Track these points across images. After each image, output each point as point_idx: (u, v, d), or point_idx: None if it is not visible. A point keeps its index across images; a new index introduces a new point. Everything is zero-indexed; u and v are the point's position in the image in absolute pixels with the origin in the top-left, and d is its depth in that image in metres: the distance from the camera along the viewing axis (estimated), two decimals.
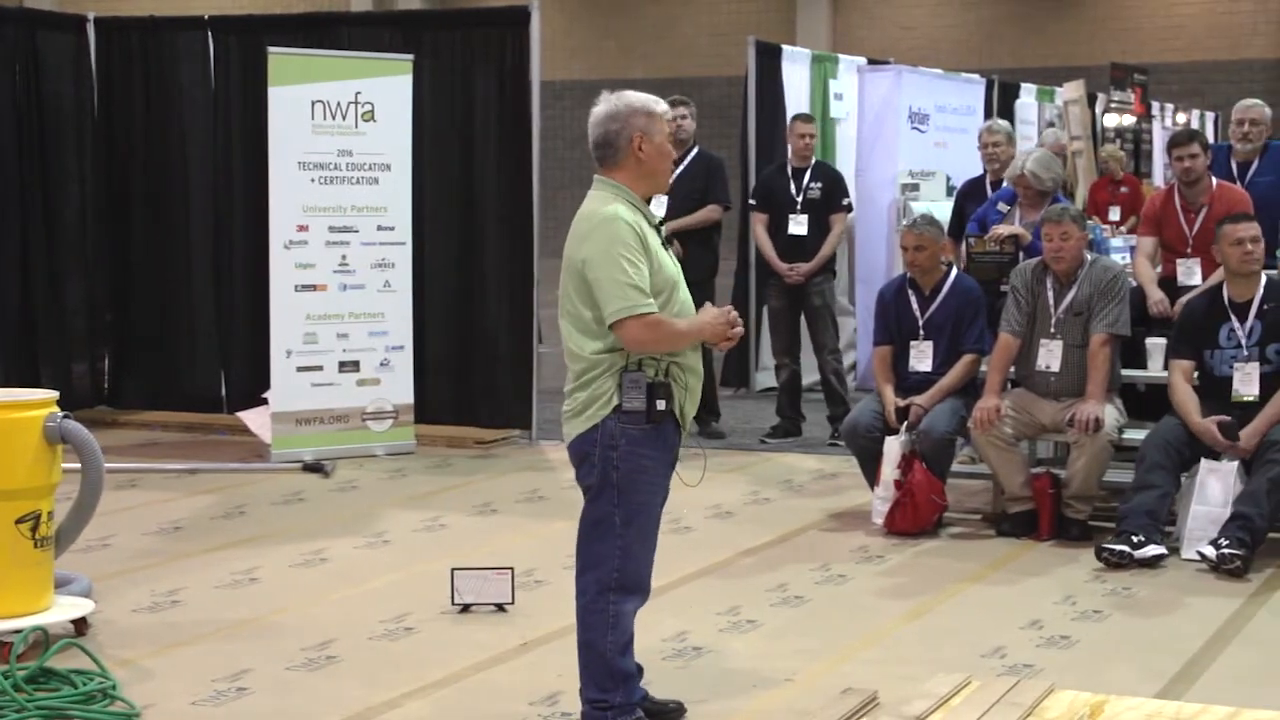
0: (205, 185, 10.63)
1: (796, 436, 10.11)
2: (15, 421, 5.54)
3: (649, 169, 4.67)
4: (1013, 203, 8.63)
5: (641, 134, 4.63)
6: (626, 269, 4.50)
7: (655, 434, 4.61)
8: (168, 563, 6.97)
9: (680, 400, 4.66)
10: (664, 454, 4.68)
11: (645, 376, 4.56)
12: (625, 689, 4.73)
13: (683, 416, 4.71)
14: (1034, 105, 15.50)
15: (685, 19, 29.09)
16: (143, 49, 10.75)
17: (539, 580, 6.63)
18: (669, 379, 4.60)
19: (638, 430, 4.58)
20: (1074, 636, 5.89)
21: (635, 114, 4.64)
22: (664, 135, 4.68)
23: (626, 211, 4.58)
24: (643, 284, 4.51)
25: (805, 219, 10.08)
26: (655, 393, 4.56)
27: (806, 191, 10.13)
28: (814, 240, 10.06)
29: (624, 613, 4.71)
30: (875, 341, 8.08)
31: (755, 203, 10.48)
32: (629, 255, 4.51)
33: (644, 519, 4.70)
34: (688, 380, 4.67)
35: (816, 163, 10.32)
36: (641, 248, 4.54)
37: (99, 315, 10.93)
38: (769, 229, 10.22)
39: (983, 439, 7.48)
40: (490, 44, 10.11)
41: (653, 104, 4.69)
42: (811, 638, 5.90)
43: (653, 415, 4.57)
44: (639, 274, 4.51)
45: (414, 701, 5.13)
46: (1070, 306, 7.50)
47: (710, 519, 7.91)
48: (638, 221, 4.58)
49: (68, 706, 4.91)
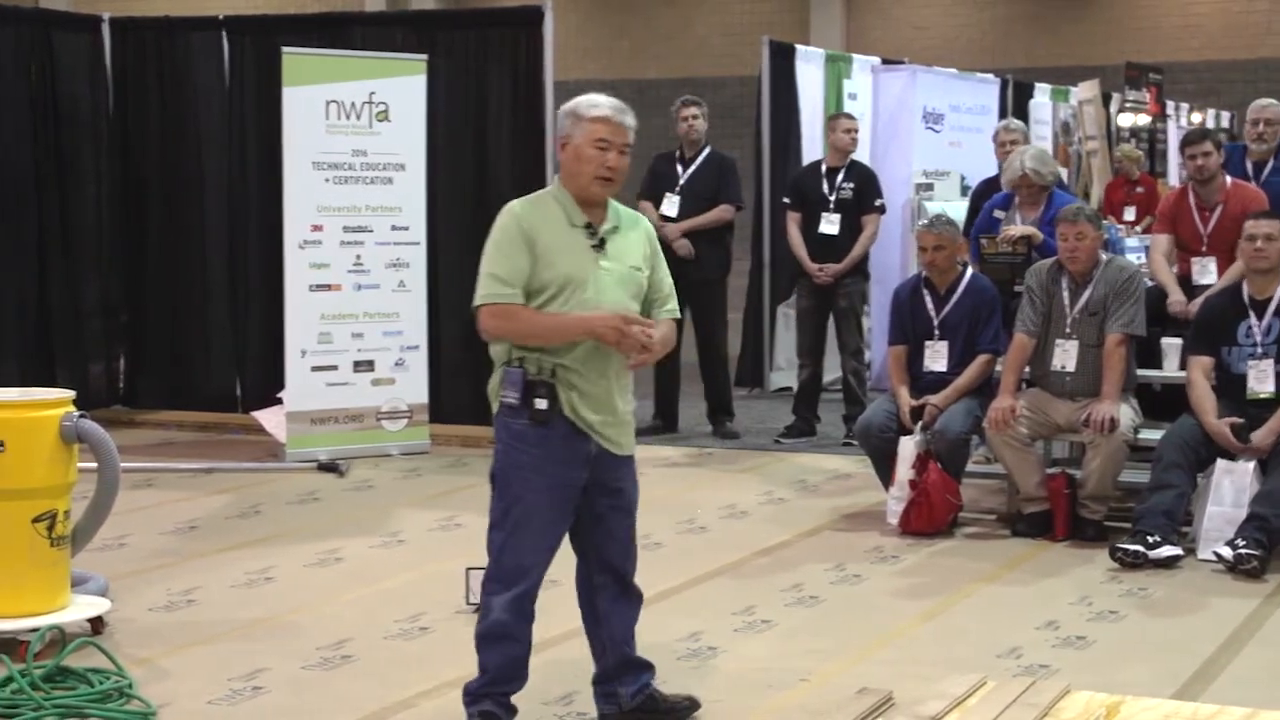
0: (220, 185, 10.65)
1: (811, 436, 10.10)
2: (32, 421, 5.56)
3: (569, 170, 4.60)
4: (1008, 207, 8.57)
5: (565, 137, 4.59)
6: (494, 258, 4.52)
7: (539, 433, 4.53)
8: (183, 562, 6.99)
9: (570, 402, 4.55)
10: (548, 453, 4.55)
11: (525, 373, 4.51)
12: (483, 679, 4.68)
13: (581, 420, 4.58)
14: (1048, 105, 15.47)
15: (699, 19, 29.08)
16: (158, 49, 10.76)
17: (552, 580, 6.57)
18: (553, 379, 4.51)
19: (519, 425, 4.54)
20: (1090, 637, 5.88)
21: (565, 115, 4.61)
22: (589, 139, 4.53)
23: (531, 204, 4.60)
24: (506, 274, 4.48)
25: (837, 219, 10.05)
26: (533, 390, 4.50)
27: (839, 191, 10.11)
28: (845, 240, 10.02)
29: (493, 605, 4.65)
30: (890, 341, 8.08)
31: (789, 201, 10.44)
32: (501, 246, 4.52)
33: (521, 514, 4.60)
34: (574, 381, 4.54)
35: (851, 162, 10.27)
36: (521, 240, 4.49)
37: (115, 315, 10.96)
38: (801, 227, 10.19)
39: (998, 439, 7.47)
40: (504, 44, 10.12)
41: (585, 107, 4.59)
42: (826, 638, 5.89)
43: (534, 414, 4.50)
44: (505, 264, 4.49)
45: (429, 701, 5.13)
46: (1086, 306, 7.49)
47: (724, 519, 7.91)
48: (537, 215, 4.55)
49: (84, 705, 4.92)
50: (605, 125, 4.56)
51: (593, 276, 4.55)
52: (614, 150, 4.56)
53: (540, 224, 4.54)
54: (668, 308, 4.76)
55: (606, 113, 4.57)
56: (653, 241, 4.77)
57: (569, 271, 4.52)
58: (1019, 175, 8.38)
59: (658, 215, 10.00)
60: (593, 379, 4.56)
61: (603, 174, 4.55)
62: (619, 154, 4.58)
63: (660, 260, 4.78)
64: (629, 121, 4.60)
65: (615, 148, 4.56)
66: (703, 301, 10.06)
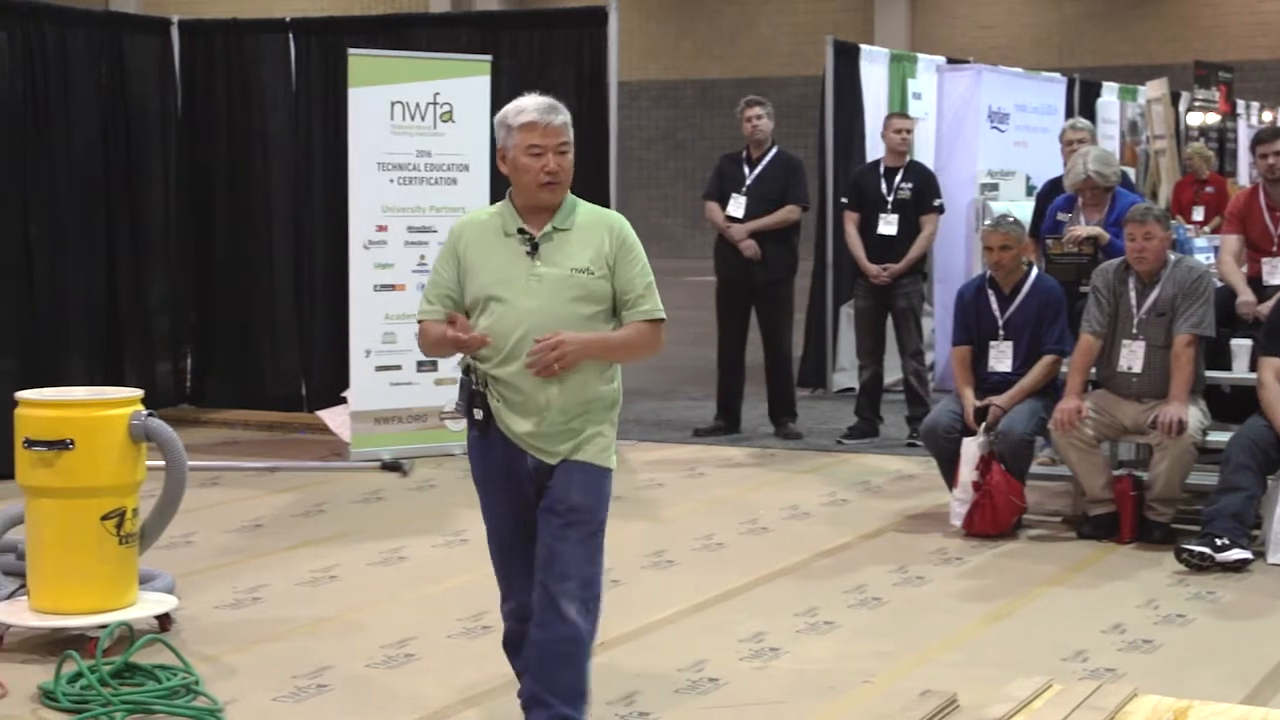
0: (286, 186, 10.74)
1: (874, 437, 10.06)
2: (101, 419, 5.61)
3: (513, 181, 4.50)
4: (1071, 209, 8.51)
5: (502, 148, 4.51)
6: (431, 275, 4.57)
7: (482, 443, 4.48)
8: (249, 560, 7.04)
9: (499, 413, 4.41)
10: (489, 467, 4.49)
11: (472, 383, 4.46)
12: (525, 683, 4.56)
13: (510, 431, 4.41)
14: (1116, 104, 15.36)
15: (762, 19, 29.06)
16: (225, 51, 10.86)
17: (615, 580, 6.63)
18: (487, 389, 4.42)
19: (471, 436, 4.53)
20: (1157, 640, 5.83)
21: (499, 126, 4.52)
22: (522, 148, 4.43)
23: (474, 216, 4.59)
24: (430, 292, 4.50)
25: (895, 219, 10.01)
26: (472, 400, 4.45)
27: (897, 191, 10.07)
28: (903, 241, 9.98)
29: (502, 613, 4.69)
30: (954, 342, 8.03)
31: (846, 201, 10.41)
32: (438, 262, 4.54)
33: (489, 527, 4.60)
34: (502, 391, 4.39)
35: (911, 162, 10.24)
36: (451, 255, 4.48)
37: (182, 315, 11.06)
38: (859, 227, 10.15)
39: (1063, 440, 7.41)
40: (568, 44, 10.15)
41: (512, 115, 4.49)
42: (889, 639, 5.87)
43: (474, 423, 4.47)
44: (432, 281, 4.52)
45: (492, 700, 5.14)
46: (1153, 307, 7.42)
47: (787, 520, 7.90)
48: (474, 227, 4.53)
49: (152, 701, 4.96)
50: (534, 130, 4.45)
51: (523, 284, 4.40)
52: (550, 153, 4.44)
53: (473, 238, 4.50)
54: (641, 309, 4.46)
55: (533, 117, 4.46)
56: (618, 240, 4.49)
57: (488, 282, 4.41)
58: (1082, 178, 8.32)
59: (724, 216, 9.99)
60: (524, 389, 4.37)
61: (544, 179, 4.43)
62: (556, 155, 4.45)
63: (630, 259, 4.48)
64: (559, 120, 4.47)
65: (551, 149, 4.44)
66: (768, 302, 10.04)
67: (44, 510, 5.61)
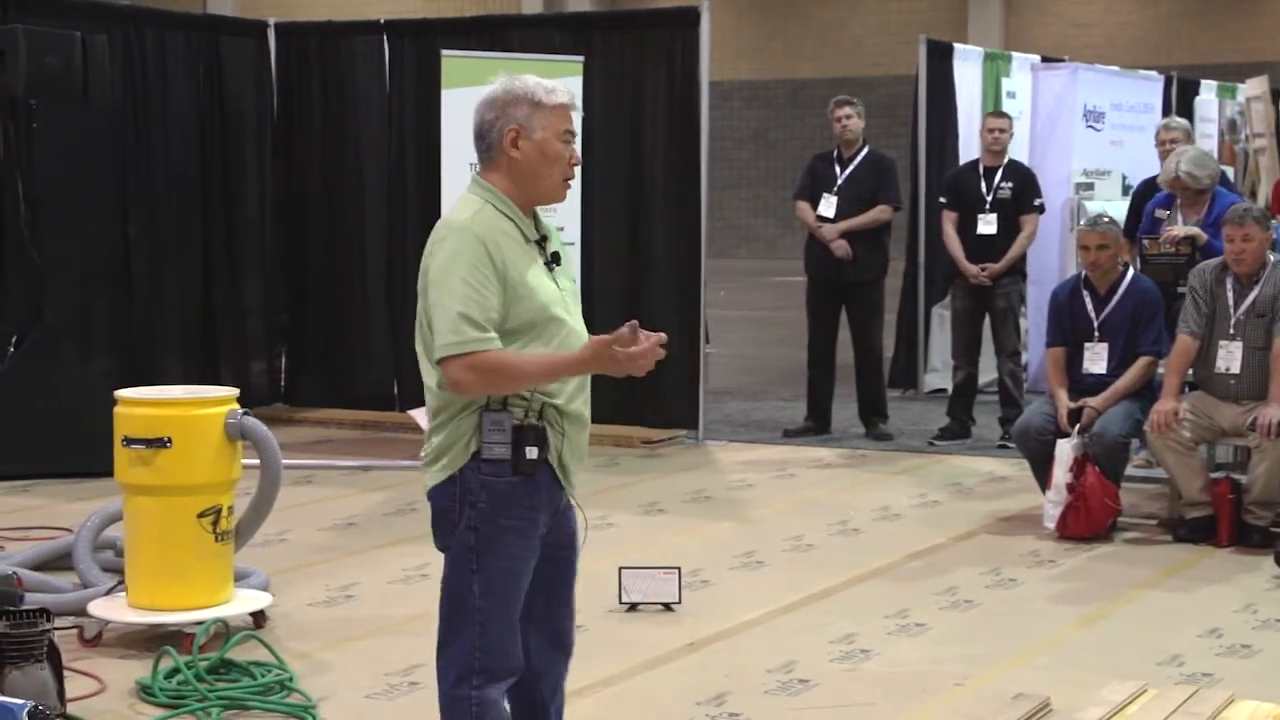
0: (379, 187, 10.82)
1: (965, 439, 9.98)
2: (198, 418, 5.68)
3: (527, 171, 3.72)
4: (1169, 207, 8.41)
5: (518, 128, 3.72)
6: (461, 294, 3.55)
7: (525, 488, 3.65)
8: (342, 558, 7.10)
9: (558, 448, 3.69)
10: (534, 513, 3.69)
11: (511, 418, 3.62)
12: None
13: (563, 470, 3.72)
14: (1214, 102, 15.13)
15: (854, 19, 28.95)
16: (320, 53, 10.97)
17: (705, 580, 6.64)
18: (543, 422, 3.65)
19: (503, 483, 3.65)
20: (1255, 646, 5.74)
21: (516, 103, 3.75)
22: (554, 131, 3.71)
23: (486, 221, 3.66)
24: (480, 315, 3.54)
25: (994, 218, 9.93)
26: (524, 438, 3.62)
27: (997, 191, 9.99)
28: (1003, 240, 9.90)
29: (489, 701, 3.78)
30: (1048, 343, 7.95)
31: (945, 201, 10.34)
32: (469, 278, 3.56)
33: (506, 588, 3.73)
34: (566, 427, 3.69)
35: (1009, 161, 10.16)
36: (492, 269, 3.57)
37: (276, 315, 11.19)
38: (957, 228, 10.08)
39: (1160, 442, 7.32)
40: (660, 45, 10.15)
41: (543, 93, 3.73)
42: (981, 642, 5.82)
43: (520, 465, 3.62)
44: (478, 301, 3.55)
45: (582, 700, 5.16)
46: (1252, 308, 7.31)
47: (878, 521, 7.86)
48: (498, 234, 3.64)
49: (247, 697, 5.02)
50: (567, 114, 3.75)
51: (565, 302, 3.75)
52: (573, 144, 3.78)
53: (506, 247, 3.64)
54: None
55: (567, 100, 3.76)
56: None
57: (546, 302, 3.67)
58: (1172, 178, 8.23)
59: (814, 216, 9.96)
60: (583, 423, 3.77)
61: (569, 173, 3.77)
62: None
63: None
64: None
65: (573, 139, 3.77)
66: (859, 302, 9.99)
67: (141, 507, 5.69)
